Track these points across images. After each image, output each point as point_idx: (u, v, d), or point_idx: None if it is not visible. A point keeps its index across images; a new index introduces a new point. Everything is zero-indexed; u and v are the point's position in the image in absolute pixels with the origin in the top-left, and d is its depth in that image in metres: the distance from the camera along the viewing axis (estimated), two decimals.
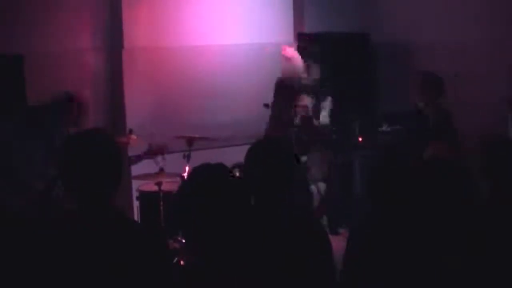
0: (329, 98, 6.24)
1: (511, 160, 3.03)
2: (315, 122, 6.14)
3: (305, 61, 6.23)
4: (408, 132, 5.58)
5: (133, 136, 5.50)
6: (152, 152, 5.40)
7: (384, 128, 6.30)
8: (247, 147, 5.59)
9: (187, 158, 5.45)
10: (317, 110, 6.19)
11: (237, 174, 5.35)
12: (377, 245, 2.81)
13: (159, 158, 5.38)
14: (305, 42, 7.02)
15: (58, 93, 4.90)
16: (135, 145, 5.59)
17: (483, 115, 5.49)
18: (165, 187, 5.35)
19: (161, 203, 5.26)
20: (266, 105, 6.08)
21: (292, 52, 6.21)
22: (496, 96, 5.58)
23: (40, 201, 4.40)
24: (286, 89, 6.06)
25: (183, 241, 5.17)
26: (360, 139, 6.56)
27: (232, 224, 2.49)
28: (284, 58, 6.16)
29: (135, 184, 5.86)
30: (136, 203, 5.78)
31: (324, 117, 6.19)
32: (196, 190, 2.50)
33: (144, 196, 5.63)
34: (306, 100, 6.12)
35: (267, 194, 2.75)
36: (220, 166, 2.62)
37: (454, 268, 2.69)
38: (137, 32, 6.35)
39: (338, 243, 3.15)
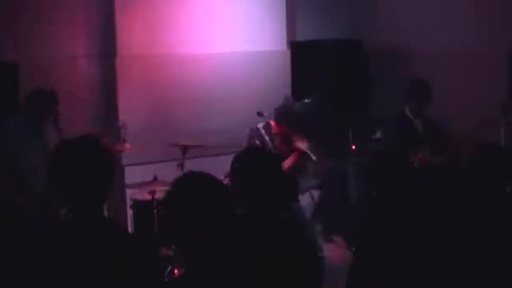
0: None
1: (502, 164, 3.05)
2: None
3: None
4: (397, 138, 5.60)
5: (127, 145, 5.49)
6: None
7: (377, 135, 6.32)
8: None
9: (181, 166, 5.43)
10: None
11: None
12: (384, 260, 2.80)
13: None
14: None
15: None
16: (129, 152, 5.59)
17: (475, 119, 5.51)
18: (159, 195, 5.33)
19: (155, 211, 5.25)
20: (259, 114, 6.08)
21: None
22: (489, 101, 5.62)
23: (39, 202, 4.40)
24: None
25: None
26: (353, 146, 6.58)
27: (218, 234, 2.45)
28: None
29: (129, 193, 5.85)
30: (130, 212, 5.77)
31: None
32: (181, 200, 2.44)
33: (137, 205, 5.61)
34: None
35: (252, 203, 2.76)
36: (205, 175, 2.58)
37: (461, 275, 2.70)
38: (131, 40, 6.35)
39: (332, 250, 3.15)
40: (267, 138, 5.59)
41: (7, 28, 5.68)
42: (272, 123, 5.70)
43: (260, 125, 5.66)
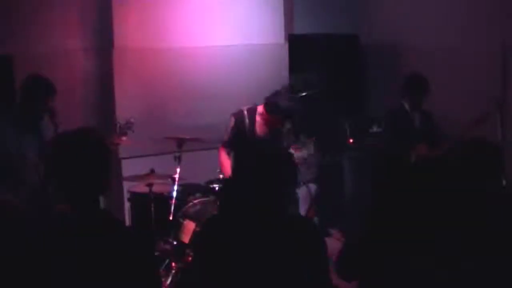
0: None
1: (493, 161, 3.05)
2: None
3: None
4: (395, 132, 5.60)
5: (123, 137, 5.48)
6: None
7: (375, 129, 6.32)
8: None
9: (178, 159, 5.43)
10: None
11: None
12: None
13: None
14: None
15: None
16: (126, 146, 5.59)
17: (471, 116, 5.52)
18: (156, 188, 5.33)
19: (152, 204, 5.25)
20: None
21: None
22: (484, 97, 5.63)
23: (35, 197, 4.39)
24: None
25: (175, 243, 5.18)
26: (351, 140, 6.58)
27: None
28: None
29: (126, 186, 5.85)
30: (127, 205, 5.77)
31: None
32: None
33: (135, 198, 5.62)
34: None
35: (257, 197, 2.76)
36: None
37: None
38: (127, 33, 6.33)
39: (329, 243, 3.16)
40: (247, 121, 5.40)
41: (2, 21, 5.65)
42: (260, 108, 5.48)
43: (244, 107, 5.50)
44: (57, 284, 2.32)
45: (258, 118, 5.40)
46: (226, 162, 5.38)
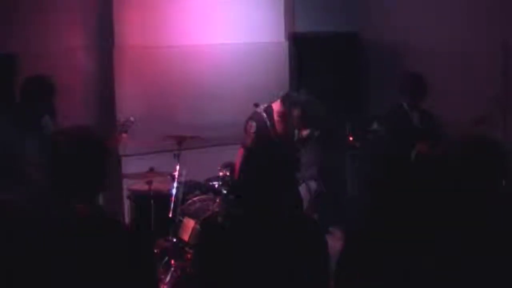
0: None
1: (494, 161, 3.05)
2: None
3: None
4: (394, 131, 5.60)
5: (124, 135, 5.48)
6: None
7: (375, 127, 6.32)
8: (236, 147, 5.58)
9: (178, 157, 5.44)
10: None
11: (227, 173, 5.38)
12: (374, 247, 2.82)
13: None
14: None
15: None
16: (126, 143, 5.59)
17: (471, 115, 5.53)
18: (156, 186, 5.35)
19: (152, 202, 5.26)
20: (256, 105, 6.08)
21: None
22: (484, 97, 5.64)
23: (35, 197, 4.39)
24: None
25: (174, 240, 5.19)
26: (351, 138, 6.59)
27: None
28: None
29: (126, 183, 5.86)
30: (126, 202, 5.78)
31: None
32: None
33: (134, 196, 5.63)
34: None
35: (263, 195, 2.76)
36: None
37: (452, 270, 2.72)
38: (128, 31, 6.34)
39: (329, 241, 3.17)
40: (268, 122, 5.48)
41: (4, 19, 5.66)
42: (276, 107, 5.57)
43: (260, 109, 5.55)
44: (57, 284, 2.32)
45: (276, 117, 5.49)
46: None
